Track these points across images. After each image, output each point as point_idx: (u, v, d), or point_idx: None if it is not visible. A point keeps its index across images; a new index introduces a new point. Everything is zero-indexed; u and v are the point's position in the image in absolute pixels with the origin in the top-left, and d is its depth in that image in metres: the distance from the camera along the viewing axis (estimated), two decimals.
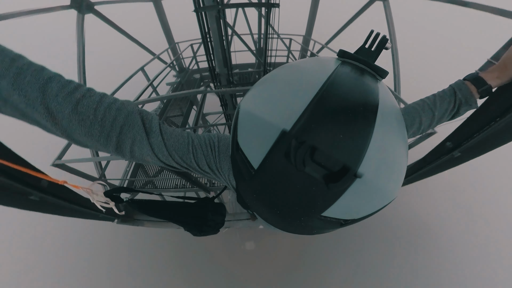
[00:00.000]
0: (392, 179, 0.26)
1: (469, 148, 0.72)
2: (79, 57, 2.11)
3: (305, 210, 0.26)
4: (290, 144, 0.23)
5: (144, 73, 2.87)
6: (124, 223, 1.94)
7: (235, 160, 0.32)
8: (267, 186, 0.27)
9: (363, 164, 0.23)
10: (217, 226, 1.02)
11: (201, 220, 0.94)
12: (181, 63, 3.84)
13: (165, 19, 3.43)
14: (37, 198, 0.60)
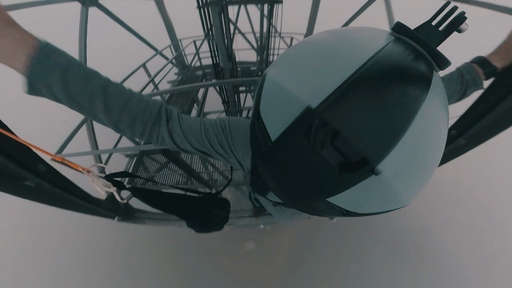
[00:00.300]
0: (411, 186, 0.24)
1: (474, 134, 0.72)
2: (80, 50, 2.09)
3: (312, 192, 0.26)
4: (312, 123, 0.22)
5: (145, 69, 2.84)
6: (125, 220, 1.91)
7: (253, 128, 0.31)
8: (281, 160, 0.27)
9: (384, 162, 0.21)
10: (222, 222, 0.99)
11: (206, 216, 0.91)
12: (183, 60, 3.82)
13: (167, 16, 3.42)
14: (33, 184, 0.57)
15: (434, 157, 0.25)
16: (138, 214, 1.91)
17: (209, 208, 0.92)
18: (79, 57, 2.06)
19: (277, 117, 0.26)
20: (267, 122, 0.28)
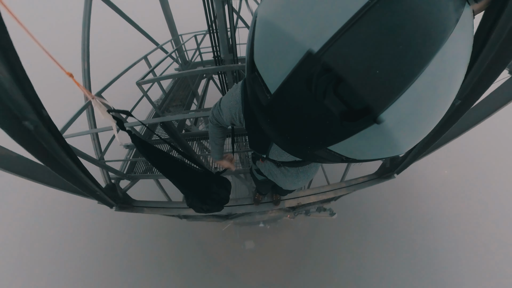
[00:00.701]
0: (411, 135, 0.23)
1: (468, 93, 0.69)
2: (83, 41, 2.10)
3: (314, 141, 0.26)
4: (314, 70, 0.20)
5: (146, 61, 2.86)
6: (123, 210, 1.88)
7: (250, 82, 0.29)
8: (282, 113, 0.26)
9: (388, 111, 0.20)
10: (221, 202, 0.98)
11: (205, 191, 0.90)
12: (184, 56, 3.85)
13: (169, 11, 3.46)
14: (31, 126, 0.54)
15: (441, 108, 0.23)
16: (137, 203, 1.89)
17: (209, 183, 0.91)
18: (82, 47, 2.07)
19: (275, 67, 0.24)
20: (264, 74, 0.26)
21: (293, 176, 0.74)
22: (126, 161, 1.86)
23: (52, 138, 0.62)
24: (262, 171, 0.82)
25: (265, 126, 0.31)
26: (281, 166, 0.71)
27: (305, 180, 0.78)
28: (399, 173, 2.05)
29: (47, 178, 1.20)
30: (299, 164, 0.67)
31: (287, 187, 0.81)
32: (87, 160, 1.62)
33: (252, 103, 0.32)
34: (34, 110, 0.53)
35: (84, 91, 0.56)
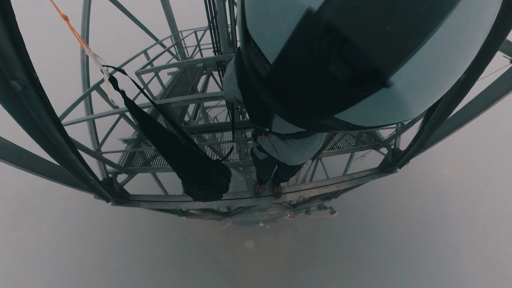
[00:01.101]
0: (423, 99, 0.21)
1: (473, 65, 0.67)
2: (82, 34, 2.09)
3: (320, 110, 0.25)
4: (315, 32, 0.18)
5: (146, 56, 2.85)
6: (119, 204, 1.84)
7: (246, 54, 0.27)
8: (284, 83, 0.25)
9: (399, 73, 0.18)
10: (221, 189, 0.94)
11: (204, 175, 0.86)
12: (184, 52, 3.84)
13: (169, 7, 3.47)
14: (19, 87, 0.50)
15: (458, 68, 0.20)
16: (133, 197, 1.84)
17: (208, 168, 0.87)
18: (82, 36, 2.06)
19: (271, 34, 0.22)
20: (260, 43, 0.24)
21: (299, 148, 0.71)
22: (126, 151, 1.82)
23: (41, 106, 0.57)
24: (264, 148, 0.78)
25: (267, 99, 0.30)
26: (286, 138, 0.68)
27: (311, 152, 0.75)
28: (401, 167, 2.02)
29: (41, 168, 1.16)
30: (304, 135, 0.64)
31: (292, 161, 0.76)
32: (83, 151, 1.58)
33: (251, 76, 0.30)
34: (24, 70, 0.49)
35: (79, 40, 0.52)
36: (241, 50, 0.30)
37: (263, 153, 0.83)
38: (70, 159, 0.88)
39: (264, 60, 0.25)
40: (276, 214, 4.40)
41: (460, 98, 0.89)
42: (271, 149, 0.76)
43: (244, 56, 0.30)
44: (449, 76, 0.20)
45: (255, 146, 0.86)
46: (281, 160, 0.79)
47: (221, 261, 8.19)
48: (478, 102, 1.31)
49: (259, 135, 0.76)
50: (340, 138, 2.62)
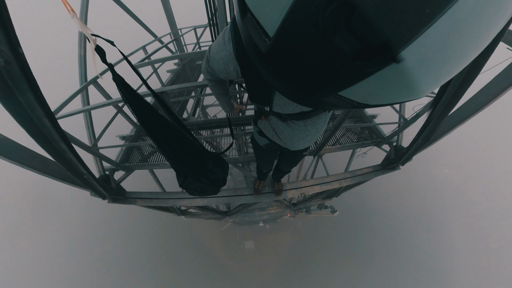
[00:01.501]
0: (434, 77, 0.19)
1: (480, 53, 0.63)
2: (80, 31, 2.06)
3: (324, 87, 0.23)
4: (319, 1, 0.16)
5: (145, 51, 2.82)
6: (116, 202, 1.79)
7: (244, 27, 0.25)
8: (286, 60, 0.23)
9: (411, 48, 0.16)
10: (218, 183, 0.89)
11: (200, 166, 0.82)
12: (183, 50, 3.82)
13: (168, 5, 3.46)
14: (1, 60, 0.44)
15: (476, 45, 0.18)
16: (130, 194, 1.79)
17: (205, 159, 0.82)
18: (79, 34, 2.03)
19: (271, 3, 0.20)
20: (258, 14, 0.22)
21: (301, 130, 0.67)
22: (123, 146, 1.78)
23: (26, 85, 0.52)
24: (265, 131, 0.74)
25: (268, 75, 0.28)
26: (287, 119, 0.63)
27: (314, 135, 0.71)
28: (404, 164, 1.98)
29: (35, 163, 1.12)
30: (306, 115, 0.60)
31: (295, 146, 0.72)
32: (79, 146, 1.54)
33: (250, 52, 0.28)
34: (7, 42, 0.44)
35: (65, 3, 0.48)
36: (238, 23, 0.27)
37: (264, 138, 0.79)
38: (60, 148, 0.83)
39: (264, 33, 0.23)
40: (276, 213, 4.35)
41: (468, 84, 0.84)
42: (272, 133, 0.72)
43: (241, 30, 0.27)
44: (467, 52, 0.18)
45: (256, 131, 0.82)
46: (283, 145, 0.75)
47: (220, 261, 8.15)
48: (482, 95, 1.27)
49: (259, 119, 0.72)
50: (342, 134, 2.58)
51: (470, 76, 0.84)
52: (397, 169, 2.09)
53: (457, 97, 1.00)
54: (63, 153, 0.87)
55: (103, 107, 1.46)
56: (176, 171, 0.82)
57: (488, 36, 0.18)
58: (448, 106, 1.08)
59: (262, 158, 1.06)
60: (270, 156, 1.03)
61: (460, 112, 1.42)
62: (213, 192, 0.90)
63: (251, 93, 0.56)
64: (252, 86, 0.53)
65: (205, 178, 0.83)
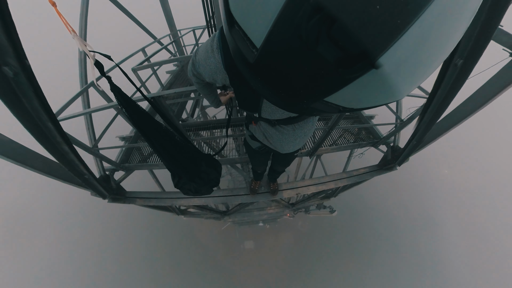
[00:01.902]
0: (409, 80, 0.21)
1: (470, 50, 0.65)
2: (80, 32, 2.10)
3: (310, 94, 0.25)
4: (303, 12, 0.18)
5: (144, 53, 2.86)
6: (116, 201, 1.83)
7: (231, 39, 0.26)
8: (273, 69, 0.24)
9: (387, 54, 0.18)
10: (211, 183, 0.92)
11: (194, 167, 0.85)
12: (182, 51, 3.86)
13: (168, 6, 3.49)
14: (10, 73, 0.50)
15: (445, 48, 0.20)
16: (129, 194, 1.83)
17: (198, 160, 0.86)
18: (80, 34, 2.07)
19: (256, 16, 0.21)
20: (245, 26, 0.23)
21: (290, 134, 0.70)
22: (123, 147, 1.82)
23: (32, 93, 0.57)
24: (256, 135, 0.77)
25: (256, 85, 0.29)
26: (276, 124, 0.67)
27: (302, 138, 0.74)
28: (400, 164, 2.00)
29: (37, 164, 1.16)
30: (294, 120, 0.63)
31: (284, 149, 0.76)
32: (80, 147, 1.58)
33: (238, 62, 0.29)
34: (16, 56, 0.49)
35: (66, 25, 0.54)
36: (226, 35, 0.29)
37: (256, 141, 0.82)
38: (63, 150, 0.87)
39: (251, 44, 0.24)
40: (275, 213, 4.38)
41: (459, 86, 0.87)
42: (262, 137, 0.75)
43: (229, 42, 0.28)
44: (437, 55, 0.20)
45: (248, 135, 0.85)
46: (273, 148, 0.78)
47: (220, 260, 8.18)
48: (479, 96, 1.29)
49: (250, 124, 0.75)
50: (340, 135, 2.60)
51: (459, 82, 0.86)
52: (393, 170, 2.11)
53: (447, 99, 1.03)
54: (65, 154, 0.91)
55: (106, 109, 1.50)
56: (171, 172, 0.85)
57: (455, 37, 0.20)
58: (440, 108, 1.10)
59: (256, 159, 1.09)
60: (263, 158, 1.06)
61: (457, 113, 1.43)
62: (207, 192, 0.93)
63: (240, 101, 0.59)
64: (240, 94, 0.56)
65: (199, 179, 0.86)
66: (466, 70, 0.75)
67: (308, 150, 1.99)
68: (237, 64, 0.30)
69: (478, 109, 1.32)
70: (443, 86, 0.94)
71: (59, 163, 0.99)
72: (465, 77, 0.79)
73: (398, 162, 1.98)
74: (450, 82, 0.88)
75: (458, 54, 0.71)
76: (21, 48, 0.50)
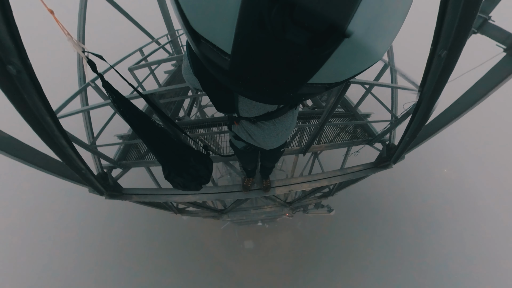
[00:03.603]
0: (383, 38, 0.22)
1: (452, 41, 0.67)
2: (79, 32, 2.15)
3: (293, 81, 0.24)
4: (262, 7, 0.18)
5: (141, 53, 2.91)
6: (113, 198, 1.88)
7: (201, 53, 0.26)
8: (250, 69, 0.24)
9: (354, 20, 0.18)
10: (200, 180, 0.95)
11: (182, 162, 0.88)
12: (180, 51, 3.90)
13: (165, 6, 3.53)
14: (13, 71, 0.55)
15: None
16: (126, 191, 1.88)
17: (187, 155, 0.89)
18: (78, 35, 2.12)
19: (219, 23, 0.21)
20: (211, 37, 0.23)
21: (271, 129, 0.71)
22: (120, 144, 1.86)
23: (33, 89, 0.63)
24: (240, 135, 0.79)
25: (239, 89, 0.29)
26: (256, 121, 0.68)
27: (284, 132, 0.75)
28: (395, 162, 2.00)
29: (36, 160, 1.20)
30: (273, 115, 0.64)
31: (268, 145, 0.77)
32: (78, 144, 1.62)
33: (215, 73, 0.29)
34: (18, 56, 0.55)
35: (62, 29, 0.59)
36: (195, 52, 0.28)
37: (241, 141, 0.84)
38: (61, 144, 0.91)
39: (222, 52, 0.24)
40: (272, 212, 4.39)
41: (446, 78, 0.87)
42: (246, 136, 0.77)
43: (200, 57, 0.28)
44: (400, 7, 0.21)
45: (232, 135, 0.87)
46: (258, 146, 0.80)
47: (220, 260, 8.22)
48: (473, 92, 1.28)
49: (232, 124, 0.77)
50: (336, 134, 2.61)
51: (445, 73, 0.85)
52: (389, 168, 2.11)
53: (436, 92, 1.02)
54: (63, 148, 0.95)
55: (102, 107, 1.54)
56: (161, 165, 0.89)
57: None
58: (430, 102, 1.09)
59: (243, 159, 1.10)
60: (251, 156, 1.07)
61: (452, 109, 1.43)
62: (195, 188, 0.95)
63: (216, 105, 0.60)
64: (215, 98, 0.57)
65: (187, 174, 0.89)
66: (451, 60, 0.75)
67: (301, 147, 2.01)
68: (215, 76, 0.29)
69: (473, 105, 1.31)
70: (430, 78, 0.95)
71: (57, 160, 1.03)
72: (450, 67, 0.80)
73: (393, 160, 1.98)
74: (437, 73, 0.88)
75: (441, 45, 0.72)
76: (23, 49, 0.56)
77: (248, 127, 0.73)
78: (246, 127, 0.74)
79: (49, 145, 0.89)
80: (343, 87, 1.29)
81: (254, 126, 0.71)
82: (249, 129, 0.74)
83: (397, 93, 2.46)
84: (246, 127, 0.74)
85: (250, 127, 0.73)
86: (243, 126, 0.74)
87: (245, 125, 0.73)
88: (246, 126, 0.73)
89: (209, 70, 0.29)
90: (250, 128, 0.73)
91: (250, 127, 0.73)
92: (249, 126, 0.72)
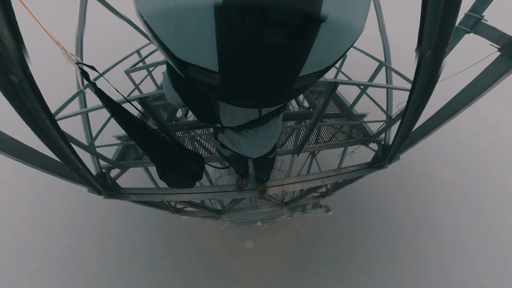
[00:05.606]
0: (358, 9, 0.22)
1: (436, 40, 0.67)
2: (78, 36, 2.20)
3: (284, 80, 0.25)
4: (234, 19, 0.19)
5: (139, 55, 2.95)
6: (111, 197, 1.92)
7: (191, 77, 0.27)
8: (241, 80, 0.25)
9: (325, 4, 0.18)
10: (193, 177, 0.98)
11: (174, 161, 0.91)
12: None
13: None
14: (16, 80, 0.61)
15: None
16: (124, 190, 1.92)
17: (179, 154, 0.91)
18: (76, 41, 2.17)
19: (201, 46, 0.22)
20: (196, 61, 0.24)
21: (254, 137, 0.72)
22: (118, 145, 1.91)
23: (33, 96, 0.69)
24: (225, 144, 0.80)
25: (236, 102, 0.30)
26: (239, 130, 0.69)
27: (267, 140, 0.76)
28: (390, 162, 2.00)
29: (36, 161, 1.25)
30: (256, 123, 0.65)
31: (253, 153, 0.79)
32: (77, 145, 1.67)
33: (210, 93, 0.30)
34: (21, 67, 0.61)
35: (55, 41, 0.65)
36: (185, 77, 0.28)
37: (227, 149, 0.85)
38: (60, 145, 0.96)
39: (210, 72, 0.25)
40: (271, 212, 4.41)
41: (433, 77, 0.88)
42: (231, 145, 0.78)
43: (191, 81, 0.29)
44: None
45: (218, 144, 0.89)
46: (243, 154, 0.81)
47: (219, 260, 8.24)
48: (467, 92, 1.28)
49: (218, 133, 0.78)
50: (333, 135, 2.63)
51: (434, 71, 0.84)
52: (384, 168, 2.11)
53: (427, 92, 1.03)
54: (62, 149, 0.99)
55: (100, 109, 1.59)
56: (155, 164, 0.92)
57: None
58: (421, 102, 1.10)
59: (233, 164, 1.13)
60: (240, 162, 1.09)
61: (446, 109, 1.42)
62: (189, 185, 0.97)
63: (198, 116, 0.62)
64: (196, 110, 0.59)
65: (179, 172, 0.91)
66: (437, 59, 0.76)
67: (295, 148, 2.03)
68: (210, 96, 0.32)
69: (467, 105, 1.30)
70: (419, 78, 0.95)
71: (56, 160, 1.07)
72: (436, 67, 0.79)
73: (388, 160, 1.99)
74: (424, 73, 0.87)
75: (424, 46, 0.72)
76: (24, 60, 0.61)
77: (232, 136, 0.74)
78: (231, 136, 0.75)
79: (48, 146, 0.94)
80: (331, 88, 1.31)
81: (237, 135, 0.72)
82: (233, 138, 0.75)
83: (392, 93, 2.48)
84: (231, 136, 0.75)
85: (234, 136, 0.73)
86: (228, 136, 0.75)
87: (229, 134, 0.74)
88: (230, 135, 0.74)
89: (202, 91, 0.30)
90: (234, 137, 0.74)
91: (234, 136, 0.74)
92: (233, 135, 0.73)
